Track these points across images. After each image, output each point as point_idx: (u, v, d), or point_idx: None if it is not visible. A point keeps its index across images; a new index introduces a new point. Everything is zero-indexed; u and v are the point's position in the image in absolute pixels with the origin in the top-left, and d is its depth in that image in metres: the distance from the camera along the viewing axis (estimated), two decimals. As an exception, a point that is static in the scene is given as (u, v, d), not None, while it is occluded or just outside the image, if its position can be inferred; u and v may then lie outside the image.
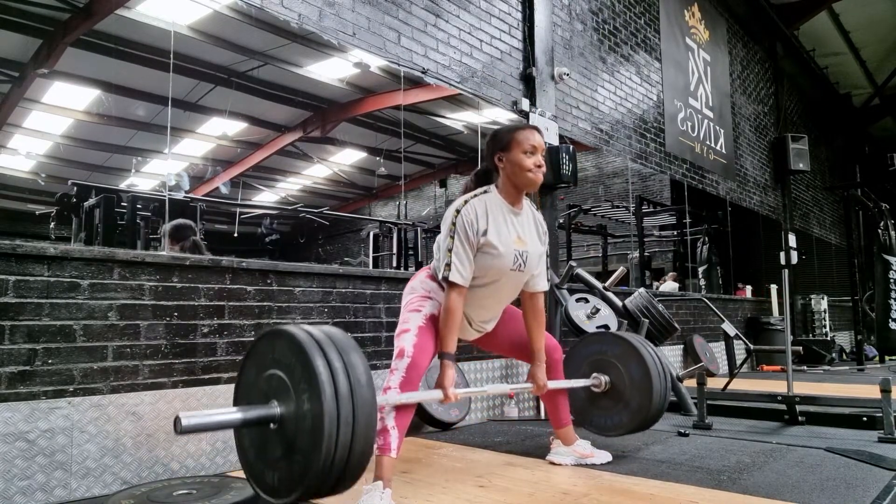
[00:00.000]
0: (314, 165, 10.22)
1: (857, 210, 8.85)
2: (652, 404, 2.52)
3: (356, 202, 11.57)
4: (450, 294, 2.12)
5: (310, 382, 1.49)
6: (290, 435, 1.54)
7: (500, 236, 2.18)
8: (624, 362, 2.61)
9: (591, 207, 8.56)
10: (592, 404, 2.68)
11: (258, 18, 4.59)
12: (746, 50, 8.69)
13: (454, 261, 2.11)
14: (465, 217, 2.14)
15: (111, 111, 6.95)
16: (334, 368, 1.50)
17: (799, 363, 7.16)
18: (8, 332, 2.05)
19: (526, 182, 2.21)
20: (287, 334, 1.59)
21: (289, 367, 1.57)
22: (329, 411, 1.46)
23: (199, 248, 3.47)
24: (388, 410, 2.00)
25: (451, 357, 2.11)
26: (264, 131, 8.66)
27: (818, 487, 2.10)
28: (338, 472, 1.50)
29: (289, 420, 1.55)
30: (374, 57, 3.60)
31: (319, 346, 1.53)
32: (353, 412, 1.49)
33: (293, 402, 1.54)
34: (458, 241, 2.12)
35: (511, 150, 2.20)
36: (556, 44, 4.84)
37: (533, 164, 2.19)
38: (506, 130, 2.28)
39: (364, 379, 1.54)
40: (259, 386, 1.65)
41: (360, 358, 1.58)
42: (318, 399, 1.46)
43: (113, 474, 2.22)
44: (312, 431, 1.48)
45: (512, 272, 2.22)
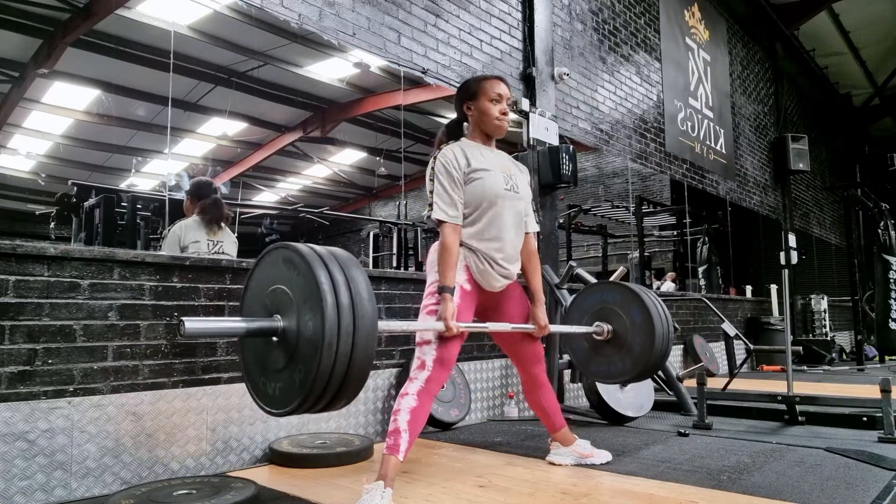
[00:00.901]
0: (314, 165, 10.24)
1: (857, 210, 8.84)
2: (654, 348, 2.51)
3: (356, 202, 11.58)
4: (442, 232, 2.19)
5: (311, 295, 1.52)
6: (291, 346, 1.57)
7: (486, 162, 2.29)
8: (625, 309, 2.61)
9: (591, 207, 8.56)
10: (596, 353, 2.68)
11: (258, 18, 4.61)
12: (746, 50, 8.69)
13: (436, 200, 2.20)
14: (443, 159, 2.23)
15: (111, 111, 6.95)
16: (336, 281, 1.52)
17: (799, 363, 7.16)
18: (8, 332, 2.05)
19: (492, 128, 2.34)
20: (292, 248, 1.61)
21: (292, 281, 1.59)
22: (330, 321, 1.48)
23: (220, 206, 3.41)
24: (403, 413, 2.02)
25: (451, 290, 2.16)
26: (264, 131, 8.67)
27: (818, 487, 2.10)
28: (337, 383, 1.52)
29: (290, 332, 1.58)
30: (374, 57, 3.60)
31: (322, 260, 1.56)
32: (354, 323, 1.52)
33: (295, 314, 1.56)
34: (439, 182, 2.21)
35: (478, 98, 2.33)
36: (556, 44, 4.84)
37: (499, 111, 2.32)
38: (473, 80, 2.40)
39: (365, 292, 1.56)
40: (262, 300, 1.68)
41: (362, 273, 1.61)
42: (319, 309, 1.49)
43: (113, 474, 2.22)
44: (313, 341, 1.50)
45: (506, 192, 2.30)
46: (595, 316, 2.69)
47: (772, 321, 7.53)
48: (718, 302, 7.03)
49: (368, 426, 3.13)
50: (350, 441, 2.71)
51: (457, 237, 2.21)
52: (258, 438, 2.67)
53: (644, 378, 2.66)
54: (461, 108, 2.39)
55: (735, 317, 7.40)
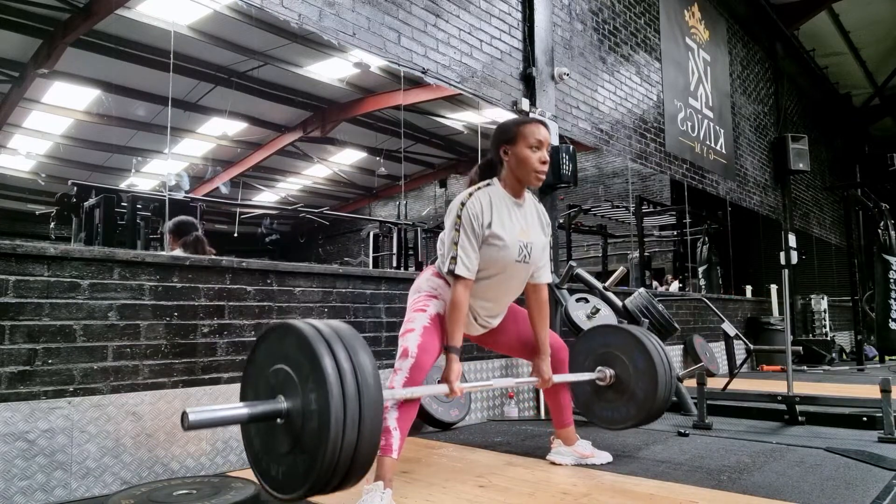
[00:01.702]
0: (314, 165, 10.22)
1: (857, 210, 8.84)
2: (657, 394, 2.51)
3: (356, 202, 11.57)
4: (456, 287, 2.12)
5: (317, 381, 1.50)
6: (296, 431, 1.55)
7: (505, 228, 2.18)
8: (628, 354, 2.60)
9: (591, 207, 8.56)
10: (598, 398, 2.67)
11: (258, 18, 4.60)
12: (746, 50, 8.68)
13: (460, 254, 2.11)
14: (471, 210, 2.13)
15: (111, 111, 6.95)
16: (342, 369, 1.50)
17: (799, 363, 7.16)
18: (8, 332, 2.05)
19: (530, 178, 2.21)
20: (295, 329, 1.59)
21: (296, 363, 1.57)
22: (336, 412, 1.46)
23: (202, 244, 3.42)
24: (391, 411, 1.99)
25: (457, 351, 2.11)
26: (264, 131, 8.66)
27: (818, 487, 2.10)
28: (342, 472, 1.51)
29: (296, 416, 1.56)
30: (374, 57, 3.60)
31: (328, 343, 1.54)
32: (360, 413, 1.50)
33: (300, 398, 1.54)
34: (464, 234, 2.12)
35: (517, 143, 2.20)
36: (556, 44, 4.84)
37: (538, 159, 2.19)
38: (512, 123, 2.27)
39: (372, 380, 1.54)
40: (266, 379, 1.66)
41: (369, 357, 1.58)
42: (325, 399, 1.47)
43: (113, 474, 2.22)
44: (319, 431, 1.48)
45: (517, 264, 2.22)
46: (598, 360, 2.68)
47: (772, 321, 7.53)
48: (718, 302, 7.03)
49: (368, 426, 3.13)
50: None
51: (469, 294, 2.15)
52: (258, 438, 2.67)
53: (648, 423, 2.67)
54: (497, 151, 2.25)
55: (735, 317, 7.40)
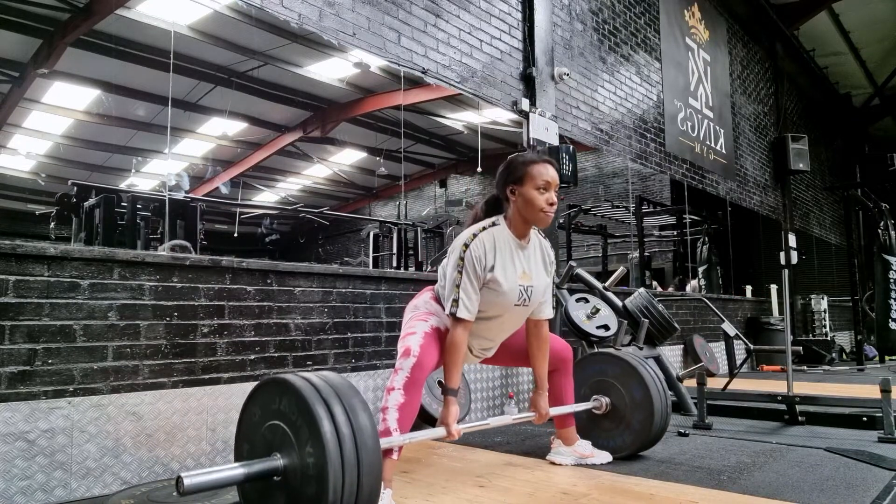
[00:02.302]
0: (314, 165, 10.23)
1: (857, 210, 8.84)
2: (654, 424, 2.53)
3: (356, 202, 11.58)
4: (455, 329, 2.11)
5: (316, 446, 1.48)
6: (293, 491, 1.54)
7: (506, 273, 2.15)
8: (623, 383, 2.62)
9: (591, 207, 8.57)
10: (595, 426, 2.67)
11: (258, 18, 4.60)
12: (746, 50, 8.68)
13: (462, 297, 2.09)
14: (474, 252, 2.11)
15: (111, 111, 6.95)
16: (342, 435, 1.49)
17: (799, 363, 7.16)
18: (8, 332, 2.05)
19: (536, 220, 2.18)
20: (292, 387, 1.57)
21: (293, 423, 1.56)
22: (335, 480, 1.45)
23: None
24: (391, 412, 2.00)
25: (455, 393, 2.11)
26: (264, 131, 8.67)
27: (818, 487, 2.10)
28: None
29: (292, 474, 1.54)
30: (374, 57, 3.60)
31: (325, 402, 1.52)
32: (359, 479, 1.49)
33: (297, 456, 1.53)
34: (466, 277, 2.10)
35: (524, 184, 2.15)
36: (556, 44, 4.84)
37: (545, 201, 2.14)
38: (520, 162, 2.21)
39: (371, 442, 1.53)
40: (262, 434, 1.64)
41: (368, 416, 1.57)
42: (323, 466, 1.46)
43: (113, 474, 2.22)
44: (317, 494, 1.47)
45: (516, 308, 2.21)
46: (593, 388, 2.69)
47: (772, 321, 7.53)
48: (718, 302, 7.03)
49: (368, 426, 3.13)
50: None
51: (467, 335, 2.15)
52: (258, 438, 2.67)
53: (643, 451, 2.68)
54: (504, 189, 2.21)
55: (735, 317, 7.40)
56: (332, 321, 3.04)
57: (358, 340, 3.15)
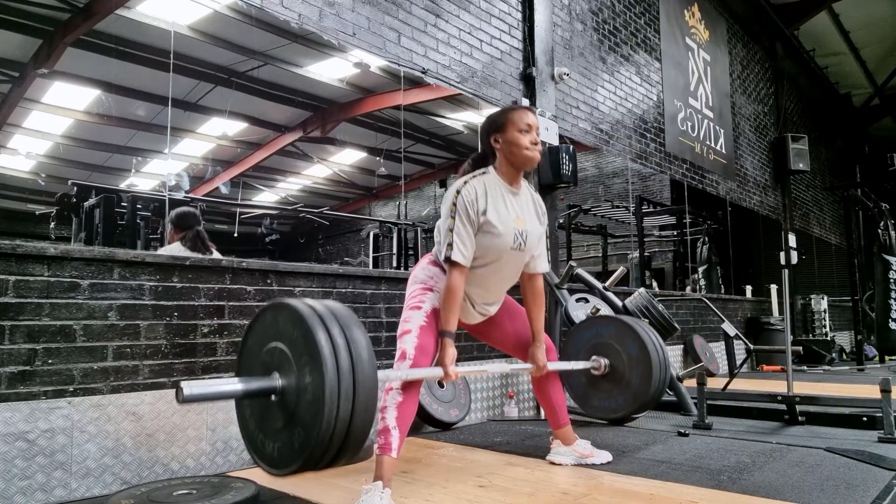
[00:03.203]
0: (314, 165, 10.23)
1: (857, 210, 8.84)
2: (652, 380, 2.52)
3: (356, 202, 11.57)
4: (451, 273, 2.14)
5: (312, 356, 1.51)
6: (290, 407, 1.56)
7: (500, 215, 2.19)
8: (621, 342, 2.61)
9: (591, 207, 8.56)
10: (594, 388, 2.68)
11: (258, 18, 4.60)
12: (746, 50, 8.68)
13: (456, 240, 2.12)
14: (466, 197, 2.15)
15: (111, 111, 6.95)
16: (336, 344, 1.51)
17: (799, 363, 7.16)
18: (8, 332, 2.05)
19: (523, 160, 2.23)
20: (290, 307, 1.60)
21: (291, 340, 1.58)
22: (330, 385, 1.47)
23: (203, 239, 3.40)
24: (390, 410, 2.01)
25: (452, 335, 2.13)
26: (264, 131, 8.66)
27: (818, 487, 2.10)
28: (337, 445, 1.52)
29: (290, 392, 1.57)
30: (374, 57, 3.60)
31: (322, 320, 1.55)
32: (354, 387, 1.51)
33: (294, 374, 1.56)
34: (460, 221, 2.14)
35: (506, 129, 2.23)
36: (556, 44, 4.84)
37: (529, 141, 2.21)
38: (500, 112, 2.31)
39: (365, 354, 1.56)
40: (261, 358, 1.67)
41: (362, 333, 1.60)
42: (319, 373, 1.48)
43: (113, 474, 2.22)
44: (313, 405, 1.49)
45: (512, 251, 2.24)
46: (591, 350, 2.69)
47: (772, 321, 7.53)
48: (718, 302, 7.03)
49: (368, 426, 3.13)
50: (350, 441, 2.70)
51: (464, 280, 2.16)
52: (258, 438, 2.67)
53: (644, 411, 2.66)
54: (488, 141, 2.28)
55: (735, 317, 7.40)
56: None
57: (358, 340, 3.15)
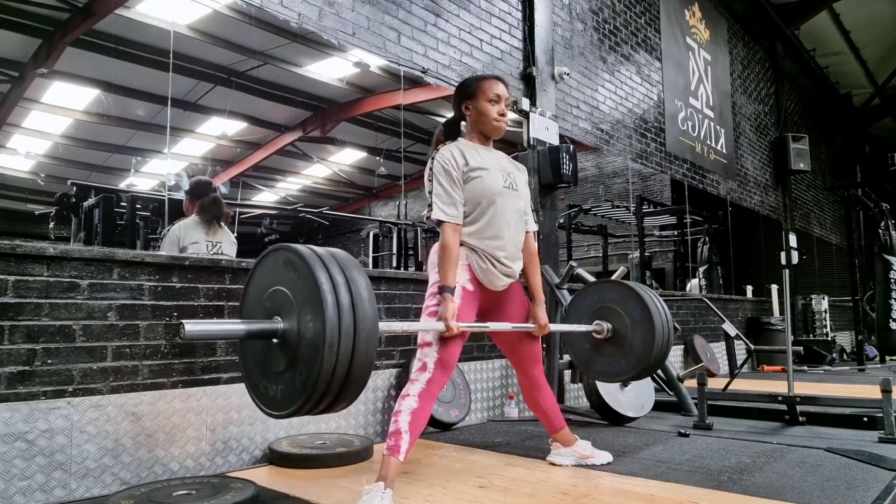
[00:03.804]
0: (314, 165, 10.23)
1: (858, 210, 8.84)
2: (655, 343, 2.50)
3: (356, 202, 11.57)
4: (443, 231, 2.19)
5: (312, 297, 1.52)
6: (292, 348, 1.57)
7: (482, 161, 2.29)
8: (624, 306, 2.60)
9: (592, 207, 8.56)
10: (597, 352, 2.67)
11: (258, 18, 4.60)
12: (747, 50, 8.68)
13: (435, 200, 2.20)
14: (441, 159, 2.23)
15: (111, 111, 6.95)
16: (336, 282, 1.53)
17: (799, 363, 7.15)
18: (7, 332, 2.05)
19: (490, 129, 2.33)
20: (291, 249, 1.61)
21: (292, 282, 1.59)
22: (331, 323, 1.48)
23: (220, 205, 3.43)
24: (404, 415, 2.02)
25: (451, 291, 2.15)
26: (264, 131, 8.67)
27: (819, 488, 2.10)
28: (338, 385, 1.52)
29: (291, 334, 1.58)
30: (374, 57, 3.59)
31: (322, 261, 1.56)
32: (355, 325, 1.52)
33: (296, 316, 1.57)
34: (438, 182, 2.21)
35: (476, 98, 2.32)
36: (557, 43, 4.84)
37: (497, 112, 2.31)
38: (472, 79, 2.39)
39: (365, 293, 1.57)
40: (262, 303, 1.68)
41: (362, 274, 1.61)
42: (319, 311, 1.49)
43: (112, 475, 2.22)
44: (314, 343, 1.50)
45: (505, 190, 2.30)
46: (594, 315, 2.68)
47: (772, 321, 7.53)
48: (719, 302, 7.02)
49: (368, 426, 3.13)
50: (350, 441, 2.70)
51: (457, 237, 2.21)
52: (258, 439, 2.66)
53: (647, 375, 2.65)
54: (459, 107, 2.39)
55: (735, 317, 7.40)
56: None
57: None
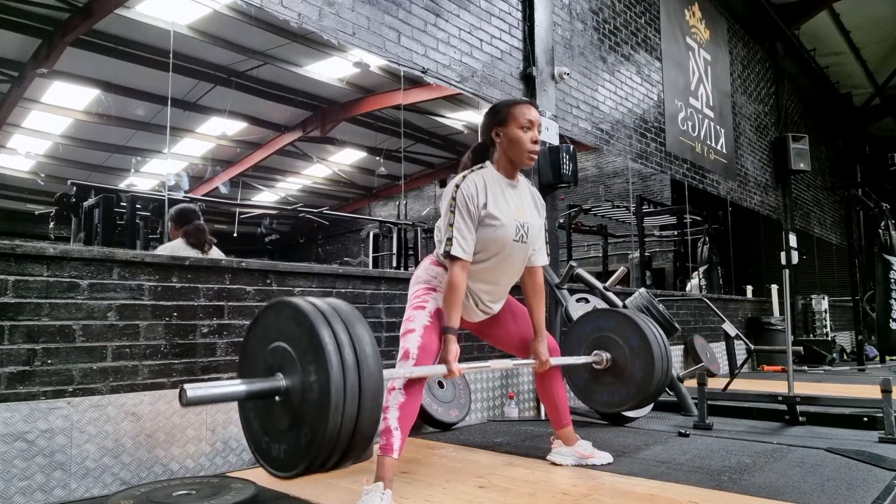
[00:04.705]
0: (314, 165, 10.22)
1: (858, 210, 8.84)
2: (655, 373, 2.50)
3: (356, 202, 11.56)
4: (452, 269, 2.12)
5: (316, 354, 1.49)
6: (295, 407, 1.53)
7: (500, 208, 2.20)
8: (622, 335, 2.60)
9: (592, 207, 8.55)
10: (596, 382, 2.66)
11: (258, 18, 4.59)
12: (747, 49, 8.68)
13: (455, 235, 2.12)
14: (465, 191, 2.15)
15: (111, 111, 6.94)
16: (340, 340, 1.49)
17: (799, 363, 7.15)
18: (7, 332, 2.05)
19: (522, 158, 2.23)
20: (292, 305, 1.58)
21: (294, 338, 1.56)
22: (336, 382, 1.45)
23: (204, 233, 3.42)
24: (392, 411, 2.00)
25: (455, 332, 2.11)
26: (264, 131, 8.65)
27: (819, 488, 2.10)
28: (344, 445, 1.50)
29: (294, 392, 1.54)
30: (374, 56, 3.59)
31: (325, 317, 1.53)
32: (360, 384, 1.49)
33: (299, 374, 1.53)
34: (460, 216, 2.13)
35: (508, 125, 2.22)
36: (557, 43, 4.84)
37: (529, 139, 2.21)
38: (503, 105, 2.29)
39: (370, 350, 1.54)
40: (264, 358, 1.65)
41: (366, 330, 1.58)
42: (324, 370, 1.46)
43: (112, 475, 2.22)
44: (319, 403, 1.47)
45: (515, 243, 2.23)
46: (593, 345, 2.68)
47: (772, 321, 7.52)
48: (719, 302, 7.02)
49: (368, 426, 3.13)
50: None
51: (466, 276, 2.16)
52: (258, 439, 2.66)
53: (647, 404, 2.66)
54: (489, 133, 2.27)
55: (736, 317, 7.40)
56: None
57: (358, 340, 3.14)
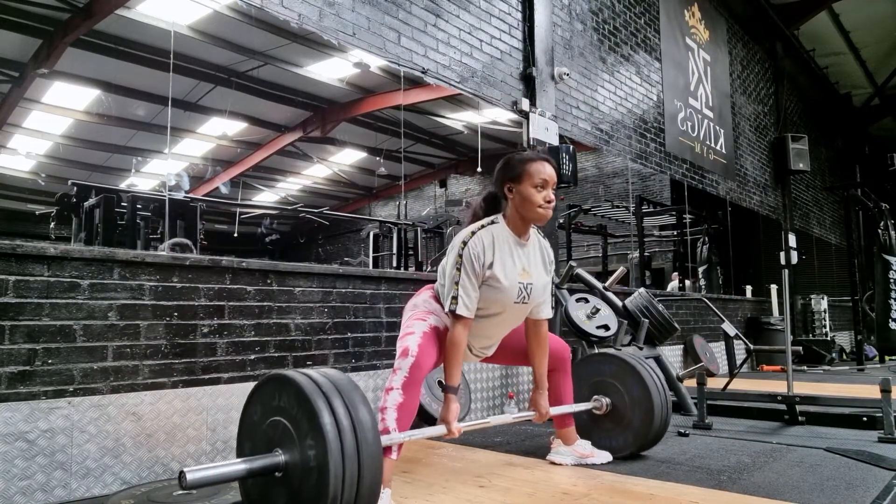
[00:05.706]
0: (314, 165, 10.22)
1: (857, 210, 8.84)
2: (654, 421, 2.53)
3: (356, 202, 11.56)
4: (455, 326, 2.11)
5: (316, 438, 1.49)
6: (294, 486, 1.54)
7: (506, 270, 2.16)
8: (622, 382, 2.61)
9: (591, 207, 8.56)
10: (595, 426, 2.67)
11: (258, 18, 4.59)
12: (746, 50, 8.68)
13: (461, 294, 2.10)
14: (472, 250, 2.12)
15: (111, 111, 6.95)
16: (342, 426, 1.50)
17: (799, 363, 7.16)
18: (8, 332, 2.05)
19: (534, 217, 2.18)
20: (292, 382, 1.58)
21: (294, 417, 1.56)
22: (335, 470, 1.46)
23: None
24: (390, 412, 2.00)
25: (455, 391, 2.11)
26: (264, 131, 8.66)
27: (818, 487, 2.10)
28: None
29: (294, 469, 1.55)
30: (374, 57, 3.60)
31: (326, 397, 1.53)
32: (359, 471, 1.50)
33: (298, 452, 1.54)
34: (465, 274, 2.10)
35: (521, 181, 2.16)
36: (556, 44, 4.84)
37: (543, 199, 2.15)
38: (518, 160, 2.22)
39: (371, 436, 1.54)
40: (263, 431, 1.65)
41: (367, 410, 1.58)
42: (324, 457, 1.47)
43: (113, 474, 2.22)
44: (318, 489, 1.48)
45: (515, 305, 2.21)
46: (593, 388, 2.69)
47: (772, 321, 7.53)
48: (718, 302, 7.03)
49: (368, 426, 3.13)
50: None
51: (468, 333, 2.15)
52: (258, 438, 2.67)
53: (646, 450, 2.67)
54: (502, 188, 2.22)
55: (735, 317, 7.40)
56: (332, 321, 3.03)
57: (358, 340, 3.15)
